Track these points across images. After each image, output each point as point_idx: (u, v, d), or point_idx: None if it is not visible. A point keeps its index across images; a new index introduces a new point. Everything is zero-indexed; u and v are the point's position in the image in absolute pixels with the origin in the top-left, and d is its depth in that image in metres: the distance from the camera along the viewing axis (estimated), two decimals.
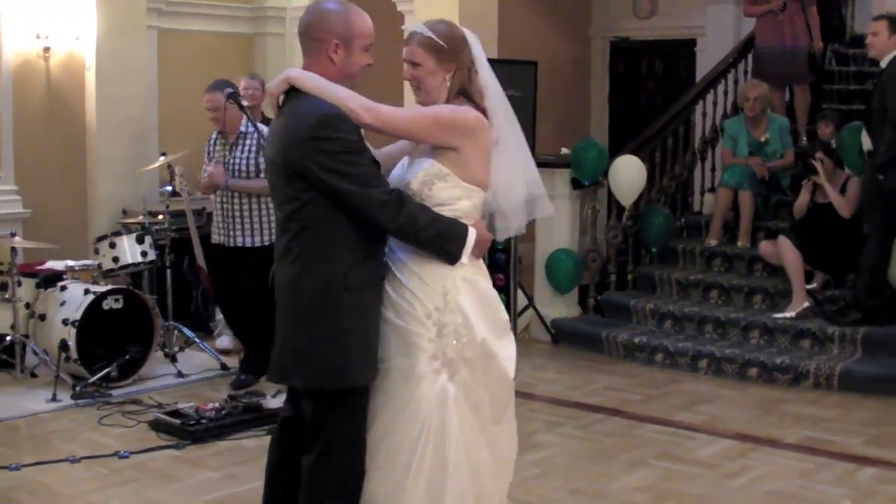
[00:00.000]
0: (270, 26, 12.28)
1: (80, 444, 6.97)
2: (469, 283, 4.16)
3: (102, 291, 8.21)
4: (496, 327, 4.22)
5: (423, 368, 4.10)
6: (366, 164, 4.06)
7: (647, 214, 10.37)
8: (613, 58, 14.80)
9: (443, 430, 4.10)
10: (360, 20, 4.18)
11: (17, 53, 9.98)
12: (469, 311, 4.13)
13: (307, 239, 4.09)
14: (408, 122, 4.15)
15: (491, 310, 4.22)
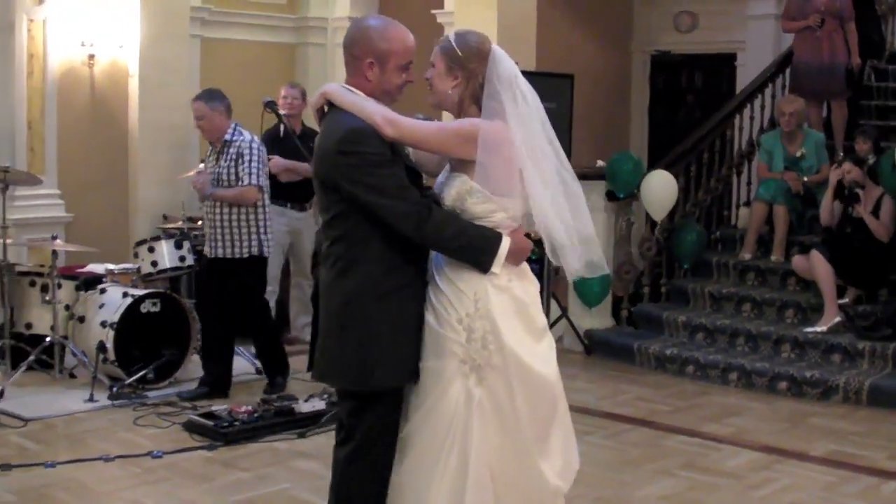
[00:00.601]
0: (312, 36, 12.44)
1: (114, 443, 7.11)
2: (502, 291, 4.20)
3: (141, 295, 8.35)
4: (530, 334, 4.26)
5: (452, 371, 4.19)
6: (392, 176, 4.15)
7: (680, 230, 10.42)
8: (654, 71, 14.86)
9: (466, 435, 4.18)
10: (398, 39, 4.26)
11: (63, 61, 10.18)
12: (499, 318, 4.17)
13: (342, 246, 4.24)
14: (429, 135, 4.23)
15: (525, 316, 4.24)
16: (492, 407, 4.18)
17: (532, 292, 4.30)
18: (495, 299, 4.18)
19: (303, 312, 10.16)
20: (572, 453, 4.41)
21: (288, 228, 9.72)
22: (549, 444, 4.30)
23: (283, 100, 9.50)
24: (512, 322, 4.20)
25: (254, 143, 8.21)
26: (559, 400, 4.34)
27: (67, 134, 10.23)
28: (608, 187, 10.15)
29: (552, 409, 4.30)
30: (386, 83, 4.27)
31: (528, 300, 4.27)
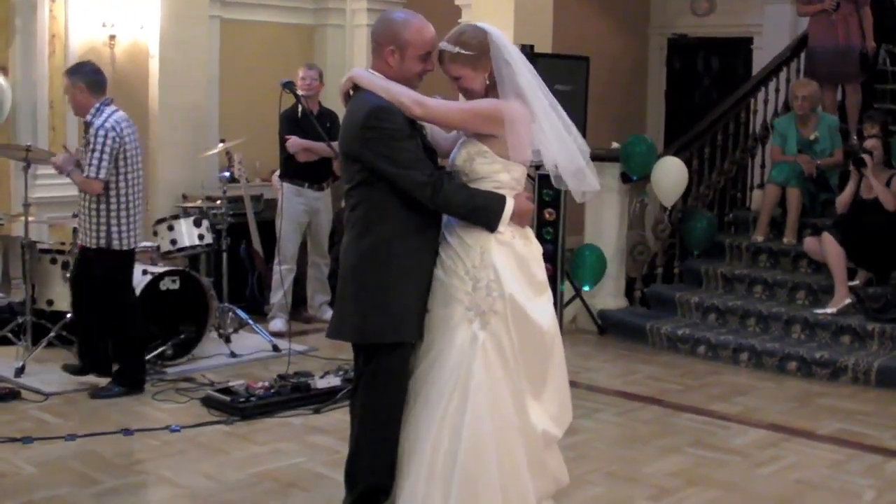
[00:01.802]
0: (331, 18, 12.51)
1: (133, 417, 7.25)
2: (504, 245, 4.68)
3: (160, 272, 8.46)
4: (531, 286, 4.72)
5: (458, 318, 4.66)
6: (410, 150, 4.67)
7: (690, 217, 10.49)
8: (670, 54, 14.91)
9: (469, 376, 4.60)
10: (417, 31, 4.76)
11: (84, 41, 10.32)
12: (501, 268, 4.64)
13: (360, 211, 4.76)
14: (453, 115, 4.75)
15: (526, 269, 4.71)
16: (494, 349, 4.63)
17: (533, 251, 4.77)
18: (498, 251, 4.67)
19: (320, 291, 10.27)
20: (566, 402, 4.92)
21: (306, 208, 9.82)
22: (544, 389, 4.78)
23: (301, 81, 9.60)
24: (513, 272, 4.67)
25: (104, 129, 7.52)
26: (555, 350, 4.80)
27: None
28: (622, 169, 10.22)
29: (547, 356, 4.76)
30: (405, 70, 4.76)
31: (529, 256, 4.74)
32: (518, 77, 4.66)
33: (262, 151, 11.04)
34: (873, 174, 9.11)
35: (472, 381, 4.57)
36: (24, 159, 8.27)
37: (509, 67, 4.66)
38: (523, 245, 4.72)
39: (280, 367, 8.28)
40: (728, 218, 10.99)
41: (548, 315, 4.75)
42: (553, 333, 4.77)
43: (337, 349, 9.09)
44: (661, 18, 14.78)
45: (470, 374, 4.58)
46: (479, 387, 4.57)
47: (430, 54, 4.78)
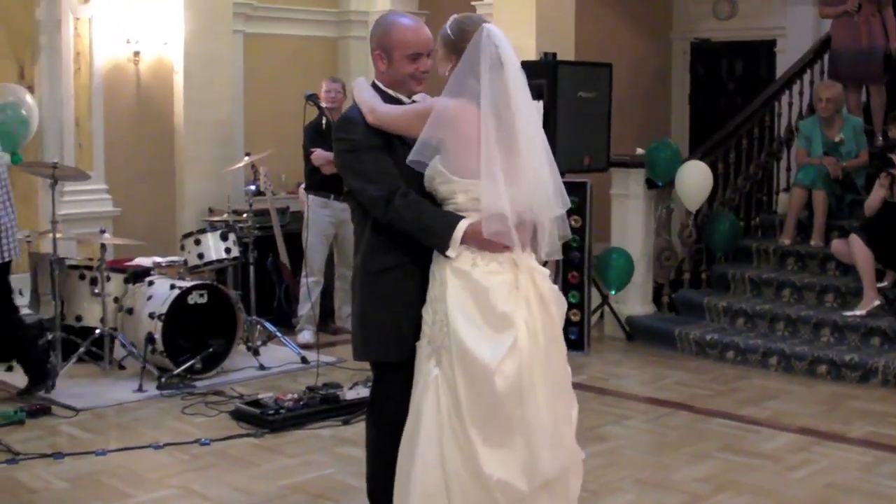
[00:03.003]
0: (354, 30, 12.55)
1: (163, 431, 7.28)
2: (459, 275, 4.27)
3: (188, 286, 8.49)
4: (487, 321, 4.23)
5: (423, 352, 4.36)
6: (371, 161, 4.46)
7: (713, 220, 10.45)
8: (694, 59, 14.85)
9: (418, 414, 4.31)
10: (401, 31, 4.54)
11: (108, 58, 10.37)
12: (450, 301, 4.25)
13: (354, 225, 4.71)
14: (396, 119, 4.45)
15: (482, 303, 4.22)
16: (446, 389, 4.26)
17: (498, 280, 4.26)
18: (451, 283, 4.27)
19: (347, 303, 10.26)
20: (543, 452, 4.25)
21: (332, 220, 9.83)
22: (510, 435, 4.24)
23: (324, 93, 9.62)
24: (464, 306, 4.24)
25: None
26: (524, 391, 4.22)
27: (114, 130, 10.42)
28: (647, 175, 10.20)
29: (500, 400, 4.19)
30: (395, 73, 4.57)
31: (489, 286, 4.23)
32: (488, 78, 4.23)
33: (287, 164, 11.08)
34: None
35: (421, 423, 4.26)
36: (51, 176, 8.32)
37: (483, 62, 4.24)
38: (484, 273, 4.24)
39: (309, 378, 8.29)
40: (755, 222, 10.96)
41: (507, 355, 4.19)
42: (512, 373, 4.19)
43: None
44: (684, 23, 14.74)
45: (420, 414, 4.28)
46: (429, 432, 4.24)
47: (420, 55, 4.53)
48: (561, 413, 4.39)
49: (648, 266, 10.39)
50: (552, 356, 4.36)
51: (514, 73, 4.30)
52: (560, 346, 4.43)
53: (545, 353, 4.30)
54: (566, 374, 4.50)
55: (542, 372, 4.27)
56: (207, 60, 10.61)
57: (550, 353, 4.34)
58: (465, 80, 4.30)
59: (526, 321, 4.25)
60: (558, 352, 4.42)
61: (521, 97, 4.30)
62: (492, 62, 4.26)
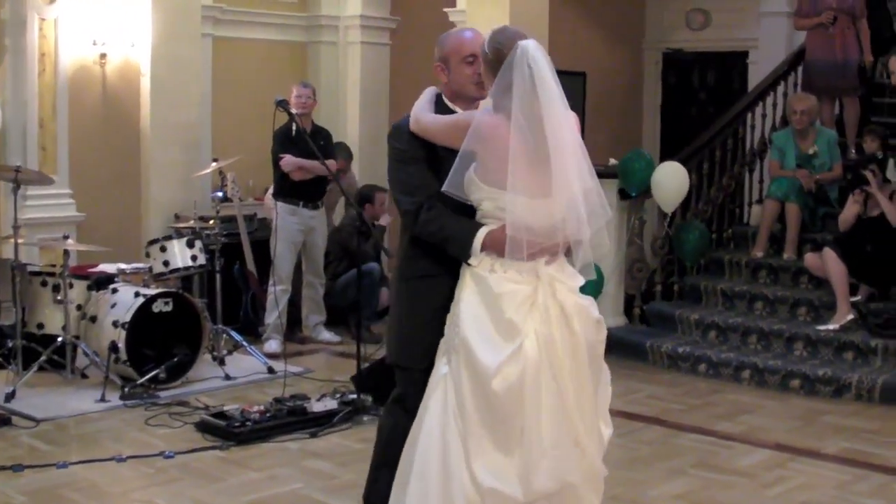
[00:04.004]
0: (324, 34, 12.44)
1: (127, 443, 7.10)
2: (476, 280, 4.32)
3: (152, 294, 8.34)
4: (497, 328, 4.24)
5: (440, 349, 4.41)
6: (410, 174, 4.57)
7: (682, 230, 10.36)
8: (666, 69, 14.80)
9: (424, 413, 4.36)
10: (452, 38, 4.68)
11: (74, 59, 10.20)
12: (463, 305, 4.32)
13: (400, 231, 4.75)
14: (438, 128, 4.52)
15: (493, 308, 4.25)
16: (453, 387, 4.30)
17: (512, 287, 4.26)
18: (468, 286, 4.34)
19: (315, 312, 10.16)
20: (541, 463, 4.21)
21: (301, 227, 9.72)
22: (516, 442, 4.22)
23: (295, 99, 9.50)
24: (475, 311, 4.29)
25: None
26: (525, 403, 4.19)
27: (79, 133, 10.24)
28: (620, 185, 10.11)
29: (501, 406, 4.19)
30: (456, 81, 4.64)
31: (501, 292, 4.26)
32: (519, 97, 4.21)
33: (255, 170, 10.94)
34: (878, 190, 9.01)
35: (425, 420, 4.33)
36: (14, 180, 8.15)
37: (517, 83, 4.21)
38: (498, 280, 4.27)
39: (275, 389, 8.16)
40: (727, 234, 10.88)
41: (509, 362, 4.18)
42: (514, 379, 4.17)
43: (333, 371, 9.01)
44: (656, 33, 14.68)
45: (426, 411, 4.35)
46: (432, 429, 4.29)
47: (476, 58, 4.54)
48: (586, 428, 4.34)
49: (620, 277, 10.30)
50: (575, 370, 4.28)
51: (546, 91, 4.26)
52: (587, 361, 4.33)
53: (562, 367, 4.24)
54: (599, 393, 4.49)
55: (553, 384, 4.23)
56: (175, 63, 10.43)
57: (572, 367, 4.27)
58: (500, 98, 4.30)
59: (538, 331, 4.24)
60: (583, 367, 4.31)
61: (553, 115, 4.25)
62: (524, 82, 4.23)
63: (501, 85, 4.28)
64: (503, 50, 4.28)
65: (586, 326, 4.35)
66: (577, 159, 4.31)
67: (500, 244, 4.28)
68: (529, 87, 4.22)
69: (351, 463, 6.62)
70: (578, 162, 4.32)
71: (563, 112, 4.30)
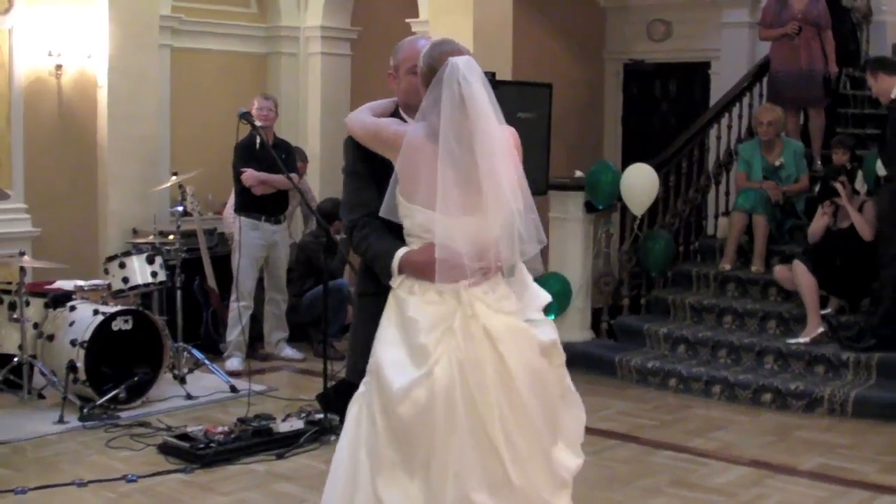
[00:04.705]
0: (284, 46, 12.29)
1: (87, 467, 6.89)
2: (397, 301, 4.20)
3: (112, 312, 8.13)
4: (409, 353, 4.10)
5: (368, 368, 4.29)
6: (351, 189, 4.56)
7: (648, 239, 10.25)
8: (627, 80, 14.74)
9: (346, 427, 4.26)
10: (406, 47, 4.55)
11: (29, 71, 9.97)
12: (382, 326, 4.21)
13: None
14: (360, 131, 4.46)
15: (407, 333, 4.12)
16: (366, 407, 4.18)
17: (429, 310, 4.10)
18: (388, 307, 4.23)
19: (277, 328, 9.99)
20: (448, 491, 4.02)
21: (262, 242, 9.54)
22: (408, 461, 4.08)
23: (257, 111, 9.32)
24: (391, 333, 4.17)
25: None
26: (434, 427, 4.03)
27: (34, 146, 10.01)
28: (586, 198, 10.00)
29: (406, 426, 4.05)
30: (402, 90, 4.55)
31: (415, 315, 4.11)
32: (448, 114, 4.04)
33: (215, 184, 10.76)
34: (848, 202, 8.95)
35: (345, 435, 4.23)
36: None
37: (445, 100, 4.06)
38: (416, 305, 4.12)
39: (239, 408, 7.99)
40: (694, 246, 10.79)
41: (411, 386, 4.03)
42: (422, 403, 4.02)
43: (297, 389, 8.84)
44: (617, 44, 14.61)
45: (346, 428, 4.24)
46: (343, 446, 4.21)
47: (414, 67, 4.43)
48: (516, 458, 4.09)
49: (587, 291, 10.17)
50: (505, 398, 4.07)
51: (477, 108, 4.07)
52: (526, 388, 4.10)
53: (486, 394, 4.05)
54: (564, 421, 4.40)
55: (473, 410, 4.04)
56: (132, 75, 10.23)
57: (501, 395, 4.07)
58: (429, 115, 4.13)
59: (454, 355, 4.05)
60: (517, 394, 4.09)
61: (484, 132, 4.06)
62: (452, 100, 4.06)
63: (430, 100, 4.14)
64: (434, 65, 4.15)
65: (523, 350, 4.13)
66: (510, 178, 4.10)
67: (417, 266, 4.15)
68: (458, 104, 4.05)
69: (319, 485, 6.30)
70: (512, 181, 4.11)
71: (497, 129, 4.11)
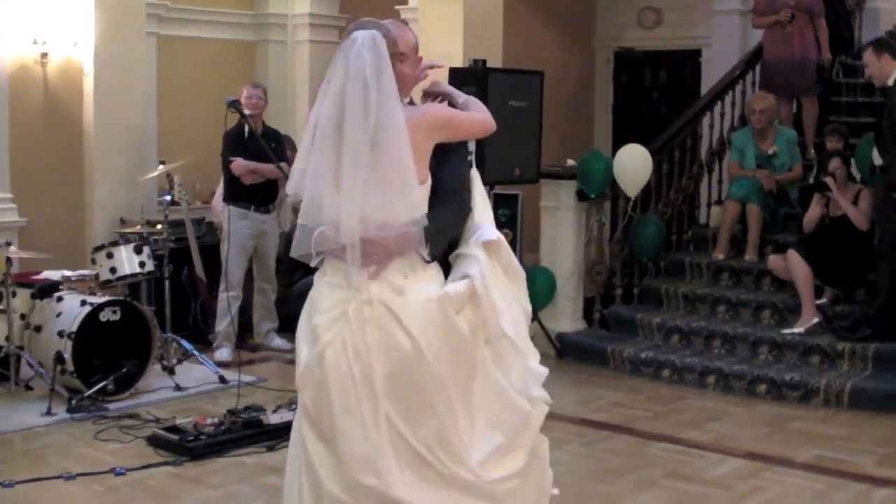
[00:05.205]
0: (272, 33, 12.19)
1: (75, 459, 6.79)
2: (315, 284, 4.20)
3: (99, 303, 8.03)
4: (308, 333, 4.15)
5: None
6: None
7: (639, 224, 10.15)
8: (617, 68, 14.67)
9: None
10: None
11: (14, 59, 9.83)
12: (304, 305, 4.23)
13: None
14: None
15: (309, 310, 4.17)
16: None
17: (327, 293, 4.10)
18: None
19: (266, 318, 9.89)
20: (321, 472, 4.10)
21: (251, 231, 9.44)
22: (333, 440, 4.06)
23: (246, 100, 9.21)
24: (305, 311, 4.20)
25: None
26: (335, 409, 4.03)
27: (20, 135, 9.86)
28: (578, 186, 9.92)
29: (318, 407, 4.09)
30: None
31: (317, 298, 4.14)
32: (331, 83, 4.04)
33: (202, 173, 10.64)
34: (840, 195, 8.88)
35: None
36: None
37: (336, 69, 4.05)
38: (321, 285, 4.15)
39: (228, 400, 7.89)
40: (686, 235, 10.70)
41: (307, 364, 4.11)
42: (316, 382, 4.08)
43: (287, 380, 8.72)
44: (608, 31, 14.54)
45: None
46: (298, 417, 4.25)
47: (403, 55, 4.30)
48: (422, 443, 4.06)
49: (579, 280, 10.10)
50: (406, 384, 4.02)
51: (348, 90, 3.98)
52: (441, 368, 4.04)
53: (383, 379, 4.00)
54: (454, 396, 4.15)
55: (363, 395, 4.00)
56: (119, 63, 10.08)
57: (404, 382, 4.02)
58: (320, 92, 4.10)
59: (346, 338, 4.02)
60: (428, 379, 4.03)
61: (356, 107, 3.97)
62: (333, 79, 4.03)
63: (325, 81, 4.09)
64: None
65: (418, 335, 4.02)
66: (365, 170, 3.98)
67: (315, 241, 4.08)
68: (337, 84, 4.00)
69: None
70: (368, 172, 3.97)
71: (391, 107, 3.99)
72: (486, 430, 4.18)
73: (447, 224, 4.23)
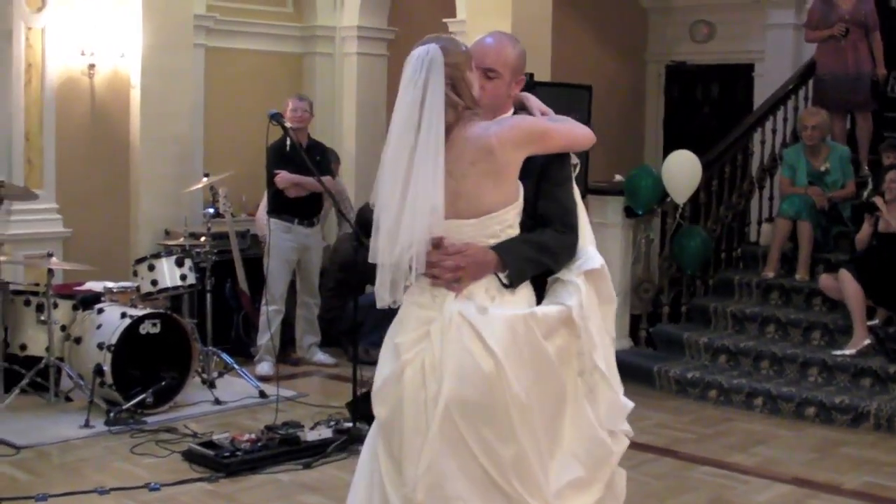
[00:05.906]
0: (320, 46, 12.12)
1: (110, 473, 6.74)
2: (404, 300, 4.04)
3: (140, 315, 7.99)
4: (389, 348, 4.03)
5: None
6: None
7: (683, 236, 9.99)
8: (669, 82, 14.51)
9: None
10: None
11: (62, 70, 9.83)
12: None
13: None
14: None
15: (392, 331, 4.05)
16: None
17: (412, 311, 3.97)
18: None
19: (309, 332, 9.82)
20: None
21: (295, 244, 9.39)
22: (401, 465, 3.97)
23: (291, 112, 9.18)
24: (389, 332, 4.08)
25: None
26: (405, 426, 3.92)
27: (66, 146, 9.87)
28: (626, 203, 9.79)
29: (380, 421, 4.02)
30: None
31: (400, 315, 4.03)
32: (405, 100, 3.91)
33: (248, 185, 10.59)
34: (890, 213, 8.70)
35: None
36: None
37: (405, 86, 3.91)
38: (408, 304, 3.98)
39: (268, 414, 7.81)
40: (736, 253, 10.53)
41: (384, 382, 4.00)
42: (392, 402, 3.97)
43: (328, 395, 8.67)
44: (659, 45, 14.40)
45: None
46: (365, 445, 4.16)
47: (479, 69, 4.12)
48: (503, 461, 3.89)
49: (626, 298, 9.94)
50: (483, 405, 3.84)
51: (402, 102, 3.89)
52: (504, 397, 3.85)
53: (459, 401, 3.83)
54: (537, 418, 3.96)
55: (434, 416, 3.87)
56: (166, 75, 10.09)
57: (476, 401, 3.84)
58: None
59: (426, 358, 3.90)
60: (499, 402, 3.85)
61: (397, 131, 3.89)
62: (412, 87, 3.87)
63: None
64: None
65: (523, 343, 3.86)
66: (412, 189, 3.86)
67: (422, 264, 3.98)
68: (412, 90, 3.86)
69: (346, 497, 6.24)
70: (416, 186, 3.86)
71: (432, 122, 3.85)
72: (567, 460, 4.03)
73: (527, 256, 3.96)
